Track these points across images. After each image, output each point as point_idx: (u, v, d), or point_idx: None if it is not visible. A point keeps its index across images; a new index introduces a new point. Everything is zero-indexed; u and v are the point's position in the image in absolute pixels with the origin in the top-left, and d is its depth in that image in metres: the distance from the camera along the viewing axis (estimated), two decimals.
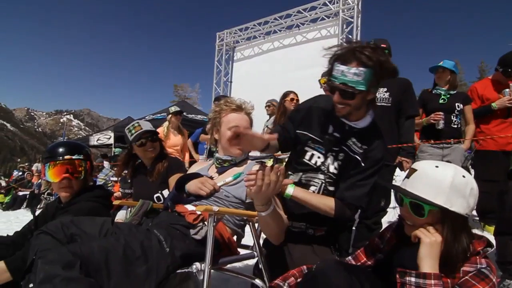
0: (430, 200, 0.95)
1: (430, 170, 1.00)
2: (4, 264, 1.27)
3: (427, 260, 0.91)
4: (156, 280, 1.15)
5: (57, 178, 1.57)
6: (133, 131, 2.03)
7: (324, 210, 1.40)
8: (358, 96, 1.27)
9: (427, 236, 0.95)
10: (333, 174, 1.45)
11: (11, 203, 8.90)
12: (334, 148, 1.44)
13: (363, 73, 1.22)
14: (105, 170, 7.41)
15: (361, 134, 1.41)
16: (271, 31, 8.10)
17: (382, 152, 1.41)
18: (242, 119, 1.54)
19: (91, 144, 10.11)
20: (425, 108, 3.05)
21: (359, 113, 1.38)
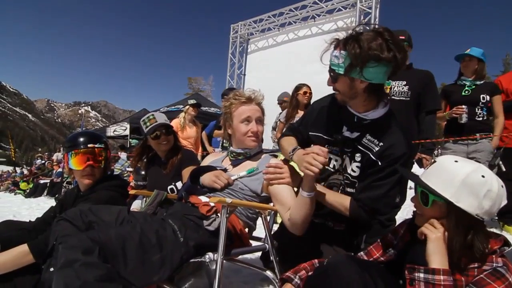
0: (437, 191, 0.95)
1: (447, 163, 0.99)
2: (27, 247, 1.34)
3: (435, 255, 0.90)
4: (171, 269, 1.18)
5: (81, 166, 1.62)
6: (148, 123, 2.06)
7: (339, 209, 1.36)
8: (341, 80, 1.25)
9: (433, 231, 0.94)
10: (350, 176, 1.38)
11: (33, 190, 9.32)
12: (347, 149, 1.37)
13: (342, 56, 1.19)
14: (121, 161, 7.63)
15: (375, 128, 1.31)
16: (286, 23, 7.96)
17: (402, 149, 1.27)
18: (252, 110, 1.53)
19: (108, 135, 10.40)
20: (448, 100, 2.88)
21: (365, 104, 1.30)
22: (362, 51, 1.14)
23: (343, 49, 1.19)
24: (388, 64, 1.17)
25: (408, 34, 2.46)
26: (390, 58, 1.14)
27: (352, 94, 1.26)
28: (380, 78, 1.21)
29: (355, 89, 1.24)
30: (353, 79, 1.21)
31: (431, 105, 2.39)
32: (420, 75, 2.43)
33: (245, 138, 1.52)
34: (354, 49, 1.14)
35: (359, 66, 1.15)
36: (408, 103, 2.39)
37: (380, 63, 1.15)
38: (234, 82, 8.98)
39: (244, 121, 1.51)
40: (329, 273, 1.00)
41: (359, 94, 1.25)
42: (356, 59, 1.15)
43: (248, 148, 1.55)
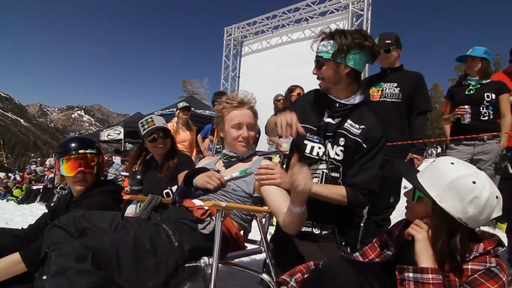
0: (424, 187, 0.97)
1: (442, 164, 1.00)
2: (19, 255, 1.31)
3: (423, 255, 0.92)
4: (165, 273, 1.17)
5: (72, 172, 1.60)
6: (145, 125, 2.05)
7: (337, 199, 1.41)
8: (327, 65, 1.40)
9: (419, 232, 0.96)
10: (335, 160, 1.46)
11: (26, 196, 9.17)
12: (330, 134, 1.47)
13: (329, 44, 1.38)
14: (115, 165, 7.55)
15: (355, 114, 1.45)
16: (279, 25, 8.01)
17: (380, 130, 1.43)
18: (244, 115, 1.53)
19: (101, 139, 10.27)
20: (453, 101, 2.83)
21: (346, 91, 1.45)
22: (347, 40, 1.34)
23: (330, 39, 1.38)
24: (368, 52, 1.38)
25: (395, 36, 2.49)
26: (370, 46, 1.37)
27: (336, 79, 1.41)
28: (360, 65, 1.40)
29: (339, 74, 1.39)
30: (338, 64, 1.38)
31: (422, 106, 2.42)
32: (410, 77, 2.46)
33: (235, 143, 1.53)
34: (341, 38, 1.35)
35: (345, 52, 1.35)
36: (400, 104, 2.42)
37: (362, 50, 1.36)
38: (228, 85, 8.99)
39: (235, 127, 1.52)
40: (325, 275, 1.01)
41: (343, 79, 1.41)
42: (343, 45, 1.34)
43: (238, 152, 1.55)
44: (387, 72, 2.55)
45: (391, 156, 2.40)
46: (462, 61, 2.79)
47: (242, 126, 1.51)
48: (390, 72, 2.54)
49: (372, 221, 2.49)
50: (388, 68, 2.55)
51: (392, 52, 2.46)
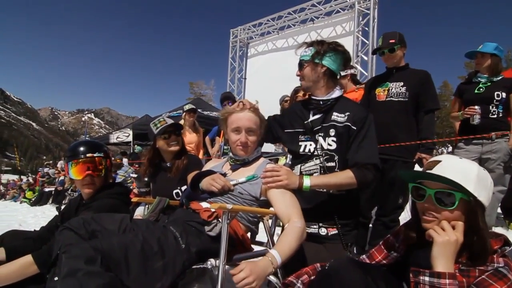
0: (464, 186, 0.92)
1: (456, 160, 0.99)
2: (32, 257, 1.35)
3: (440, 259, 0.89)
4: (173, 275, 1.18)
5: (80, 176, 1.63)
6: (158, 125, 2.08)
7: (347, 183, 1.47)
8: (306, 66, 1.63)
9: (441, 235, 0.92)
10: (328, 151, 1.59)
11: (38, 199, 9.39)
12: (318, 128, 1.62)
13: (309, 50, 1.65)
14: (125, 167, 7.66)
15: (338, 106, 1.62)
16: (285, 26, 8.02)
17: (364, 111, 1.60)
18: (243, 119, 1.53)
19: (111, 142, 10.44)
20: (462, 99, 2.78)
21: (325, 88, 1.64)
22: (323, 46, 1.61)
23: (310, 46, 1.66)
24: (341, 56, 1.63)
25: (398, 35, 2.46)
26: (343, 50, 1.64)
27: (315, 77, 1.62)
28: (335, 66, 1.63)
29: (318, 73, 1.62)
30: (316, 64, 1.61)
31: (430, 104, 2.38)
32: (417, 75, 2.43)
33: (234, 146, 1.55)
34: (318, 45, 1.63)
35: (321, 54, 1.60)
36: (407, 103, 2.40)
37: (336, 52, 1.61)
38: (234, 86, 9.03)
39: (234, 131, 1.53)
40: (331, 277, 1.00)
41: (320, 77, 1.62)
42: (320, 49, 1.61)
43: (238, 156, 1.56)
44: (393, 71, 2.53)
45: (399, 157, 2.38)
46: (472, 57, 2.74)
47: (241, 131, 1.52)
48: (395, 72, 2.51)
49: (381, 222, 2.46)
50: (393, 67, 2.53)
51: (396, 52, 2.44)
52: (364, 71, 6.54)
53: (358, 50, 6.68)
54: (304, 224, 1.35)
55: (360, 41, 6.70)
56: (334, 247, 1.51)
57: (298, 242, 1.28)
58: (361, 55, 6.64)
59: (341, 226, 1.54)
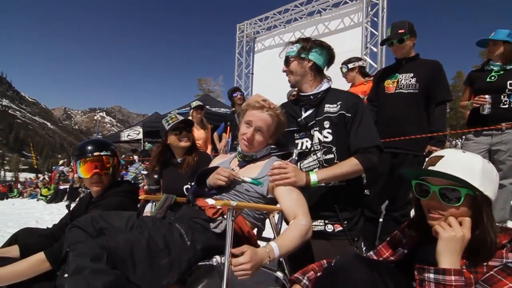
0: (469, 181, 0.89)
1: (459, 154, 0.95)
2: (44, 255, 1.38)
3: (445, 255, 0.86)
4: (179, 272, 1.19)
5: (88, 174, 1.66)
6: (170, 121, 2.13)
7: (353, 170, 1.48)
8: (293, 61, 1.65)
9: (446, 230, 0.89)
10: (325, 143, 1.59)
11: (54, 196, 9.67)
12: (312, 123, 1.62)
13: (295, 46, 1.67)
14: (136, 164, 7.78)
15: (328, 97, 1.63)
16: (291, 19, 7.91)
17: (354, 97, 1.63)
18: (259, 117, 1.51)
19: (122, 139, 10.61)
20: (473, 87, 2.68)
21: (312, 82, 1.65)
22: (309, 42, 1.65)
23: (296, 43, 1.67)
24: (326, 52, 1.65)
25: (408, 24, 2.38)
26: (328, 46, 1.67)
27: (302, 71, 1.64)
28: (321, 61, 1.64)
29: (304, 67, 1.63)
30: (303, 59, 1.63)
31: (441, 96, 2.30)
32: (427, 66, 2.36)
33: (240, 139, 1.55)
34: (304, 41, 1.65)
35: (307, 49, 1.62)
36: (417, 95, 2.33)
37: (322, 48, 1.64)
38: (242, 82, 9.00)
39: (246, 123, 1.52)
40: (337, 273, 0.99)
41: (307, 72, 1.64)
42: (306, 45, 1.63)
43: (242, 150, 1.56)
44: (402, 62, 2.46)
45: (409, 150, 2.32)
46: (484, 45, 2.64)
47: (252, 125, 1.51)
48: (405, 63, 2.44)
49: (391, 217, 2.42)
50: (403, 58, 2.45)
51: (406, 42, 2.37)
52: (373, 63, 6.40)
53: (367, 42, 6.54)
54: (310, 223, 1.33)
55: (369, 32, 6.56)
56: (341, 243, 1.49)
57: (301, 240, 1.27)
58: (370, 46, 6.50)
59: (346, 221, 1.53)
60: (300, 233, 1.27)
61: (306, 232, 1.29)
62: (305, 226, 1.29)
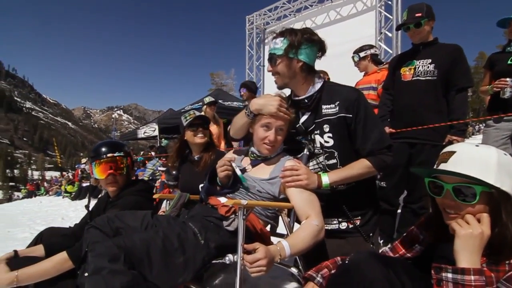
0: (483, 179, 0.84)
1: (472, 149, 0.90)
2: (67, 254, 1.44)
3: (463, 253, 0.82)
4: (194, 270, 1.21)
5: (103, 175, 1.71)
6: (188, 117, 2.16)
7: (365, 172, 1.42)
8: (280, 62, 1.45)
9: (464, 227, 0.85)
10: (327, 148, 1.49)
11: (78, 193, 10.09)
12: (311, 127, 1.52)
13: (280, 41, 1.44)
14: (153, 160, 7.97)
15: (324, 97, 1.49)
16: (301, 8, 7.72)
17: (354, 92, 1.47)
18: (277, 117, 1.45)
19: (139, 136, 10.86)
20: (493, 70, 2.54)
21: (305, 85, 1.50)
22: (297, 36, 1.41)
23: (281, 37, 1.44)
24: (317, 46, 1.46)
25: (426, 7, 2.25)
26: (318, 41, 1.45)
27: (291, 73, 1.46)
28: (311, 59, 1.47)
29: (293, 69, 1.45)
30: (291, 59, 1.44)
31: (462, 82, 2.18)
32: (447, 50, 2.23)
33: (260, 143, 1.49)
34: (291, 36, 1.42)
35: (295, 47, 1.41)
36: (436, 82, 2.22)
37: (312, 44, 1.43)
38: (253, 74, 8.93)
39: (264, 126, 1.46)
40: (352, 271, 0.97)
41: (297, 73, 1.46)
42: (293, 41, 1.41)
43: (262, 153, 1.51)
44: (420, 48, 2.34)
45: (428, 140, 2.24)
46: (504, 25, 2.46)
47: (271, 127, 1.45)
48: (422, 48, 2.33)
49: (409, 209, 2.36)
50: (420, 43, 2.34)
51: (423, 26, 2.25)
52: (388, 49, 6.17)
53: (381, 27, 6.29)
54: (323, 223, 1.31)
55: (383, 17, 6.30)
56: (356, 240, 1.46)
57: (313, 241, 1.25)
58: (384, 31, 6.25)
59: (359, 217, 1.49)
60: (312, 234, 1.26)
61: (318, 232, 1.27)
62: (317, 226, 1.28)
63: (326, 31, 7.21)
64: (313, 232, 1.26)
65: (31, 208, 8.94)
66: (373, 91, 3.06)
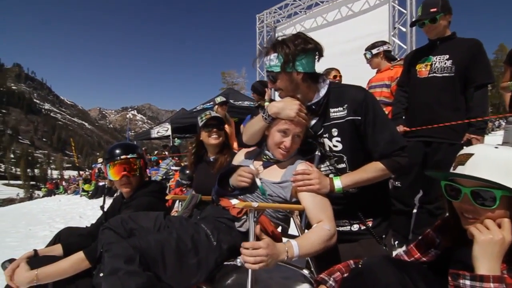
0: (503, 183, 0.80)
1: (491, 151, 0.86)
2: (83, 254, 1.48)
3: (482, 260, 0.79)
4: (207, 271, 1.22)
5: (117, 176, 1.75)
6: (203, 118, 2.17)
7: (379, 175, 1.39)
8: (280, 78, 1.42)
9: (483, 233, 0.81)
10: (336, 152, 1.45)
11: (94, 192, 10.37)
12: (319, 132, 1.48)
13: (274, 58, 1.39)
14: (167, 160, 8.09)
15: (331, 101, 1.45)
16: (312, 4, 7.62)
17: (361, 93, 1.42)
18: (295, 124, 1.41)
19: (152, 136, 11.05)
20: None
21: (310, 93, 1.45)
22: (290, 49, 1.36)
23: (274, 52, 1.39)
24: (313, 53, 1.40)
25: (441, 1, 2.16)
26: (313, 48, 1.39)
27: (293, 86, 1.42)
28: (311, 67, 1.42)
29: (295, 81, 1.41)
30: (290, 73, 1.40)
31: (481, 78, 2.09)
32: (465, 45, 2.14)
33: (276, 148, 1.45)
34: (283, 49, 1.36)
35: (291, 61, 1.36)
36: (453, 79, 2.14)
37: (307, 53, 1.38)
38: (264, 73, 8.90)
39: (281, 132, 1.42)
40: (365, 275, 0.95)
41: (300, 84, 1.42)
42: (287, 56, 1.36)
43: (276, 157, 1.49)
44: (436, 43, 2.26)
45: (444, 138, 2.17)
46: None
47: (289, 134, 1.42)
48: (440, 43, 2.24)
49: (425, 210, 2.30)
50: (437, 39, 2.26)
51: (439, 21, 2.17)
52: (402, 44, 6.01)
53: (394, 21, 6.14)
54: (335, 228, 1.29)
55: (396, 11, 6.14)
56: (369, 242, 1.43)
57: (323, 245, 1.23)
58: (398, 26, 6.10)
59: (371, 219, 1.46)
60: (323, 237, 1.24)
61: (329, 237, 1.25)
62: (329, 231, 1.26)
63: (337, 28, 7.11)
64: (324, 236, 1.24)
65: (50, 206, 9.26)
66: (386, 89, 2.99)
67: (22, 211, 8.88)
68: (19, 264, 1.40)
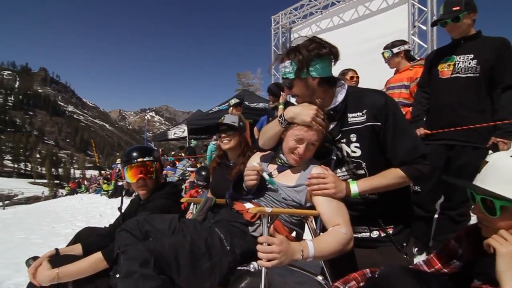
0: (501, 194, 0.79)
1: (503, 161, 0.84)
2: (102, 254, 1.52)
3: (507, 274, 0.75)
4: (220, 276, 1.22)
5: (134, 179, 1.79)
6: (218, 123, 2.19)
7: (398, 183, 1.34)
8: (295, 84, 1.40)
9: (504, 245, 0.78)
10: (354, 158, 1.42)
11: (114, 191, 10.70)
12: (338, 137, 1.44)
13: (288, 64, 1.38)
14: (183, 161, 8.22)
15: (350, 106, 1.41)
16: (328, 4, 7.52)
17: (381, 98, 1.37)
18: (311, 133, 1.38)
19: (169, 137, 11.26)
20: None
21: (327, 97, 1.43)
22: (304, 56, 1.34)
23: (288, 59, 1.38)
24: (328, 58, 1.37)
25: None
26: (327, 52, 1.36)
27: (309, 92, 1.40)
28: (326, 71, 1.38)
29: (311, 87, 1.39)
30: (305, 79, 1.38)
31: (509, 79, 1.98)
32: (491, 44, 2.04)
33: (289, 153, 1.43)
34: (297, 56, 1.35)
35: (305, 67, 1.34)
36: (478, 80, 2.04)
37: (321, 58, 1.35)
38: (279, 75, 8.88)
39: (295, 139, 1.40)
40: (381, 285, 0.92)
41: (316, 89, 1.39)
42: (301, 62, 1.34)
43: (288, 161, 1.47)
44: (460, 43, 2.16)
45: (469, 142, 2.08)
46: None
47: (303, 142, 1.39)
48: (464, 42, 2.14)
49: (447, 216, 2.20)
50: (461, 38, 2.16)
51: (462, 20, 2.07)
52: (423, 43, 5.81)
53: (414, 20, 5.95)
54: (351, 233, 1.26)
55: (416, 9, 5.95)
56: (388, 250, 1.38)
57: (339, 248, 1.20)
58: (418, 24, 5.90)
59: (392, 225, 1.41)
60: (339, 241, 1.21)
61: (346, 241, 1.22)
62: (345, 235, 1.23)
63: (354, 28, 6.98)
64: (340, 240, 1.21)
65: (73, 204, 9.64)
66: (405, 90, 2.90)
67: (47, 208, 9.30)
68: (42, 262, 1.45)
